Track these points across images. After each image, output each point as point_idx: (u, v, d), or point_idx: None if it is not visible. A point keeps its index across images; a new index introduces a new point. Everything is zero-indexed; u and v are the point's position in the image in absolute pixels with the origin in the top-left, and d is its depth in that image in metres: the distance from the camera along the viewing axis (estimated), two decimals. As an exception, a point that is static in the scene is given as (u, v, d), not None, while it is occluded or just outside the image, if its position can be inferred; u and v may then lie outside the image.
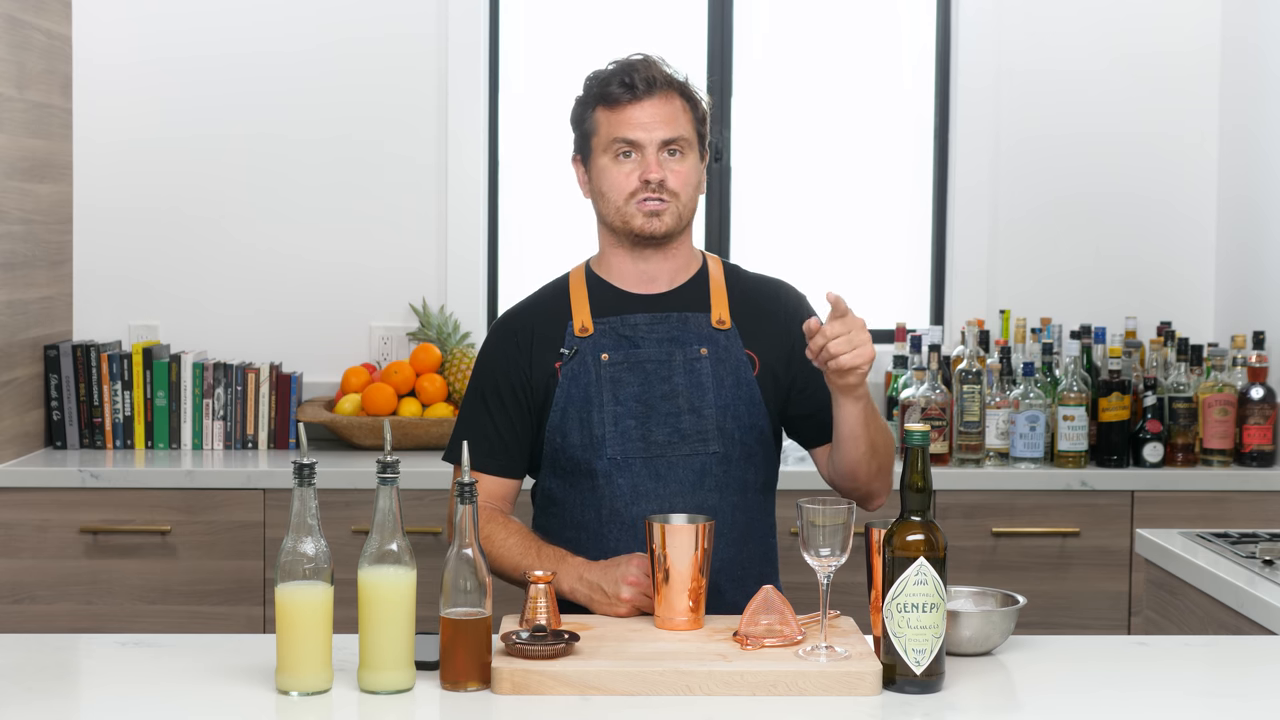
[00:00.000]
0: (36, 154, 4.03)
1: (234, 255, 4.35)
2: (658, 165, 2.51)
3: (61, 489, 3.80)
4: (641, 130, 2.51)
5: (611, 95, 2.52)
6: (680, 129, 2.53)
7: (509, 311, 2.67)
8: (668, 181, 2.52)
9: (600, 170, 2.55)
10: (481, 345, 2.67)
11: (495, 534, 2.51)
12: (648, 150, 2.51)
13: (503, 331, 2.63)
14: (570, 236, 4.41)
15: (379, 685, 2.04)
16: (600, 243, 2.64)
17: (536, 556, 2.47)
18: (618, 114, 2.52)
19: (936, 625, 2.05)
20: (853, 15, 4.53)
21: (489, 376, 2.60)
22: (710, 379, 2.55)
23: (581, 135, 2.59)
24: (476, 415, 2.60)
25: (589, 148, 2.57)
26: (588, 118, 2.57)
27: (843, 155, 4.55)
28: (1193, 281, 4.46)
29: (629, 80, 2.52)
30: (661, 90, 2.53)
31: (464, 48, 4.34)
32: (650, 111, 2.52)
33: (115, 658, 2.23)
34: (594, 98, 2.56)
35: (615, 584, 2.36)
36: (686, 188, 2.55)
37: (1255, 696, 2.14)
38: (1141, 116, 4.45)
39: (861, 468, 2.52)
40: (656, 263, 2.59)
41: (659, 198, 2.52)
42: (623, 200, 2.53)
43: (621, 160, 2.52)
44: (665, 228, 2.53)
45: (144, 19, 4.32)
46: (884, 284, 4.55)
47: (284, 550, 2.03)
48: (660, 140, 2.52)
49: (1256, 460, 4.00)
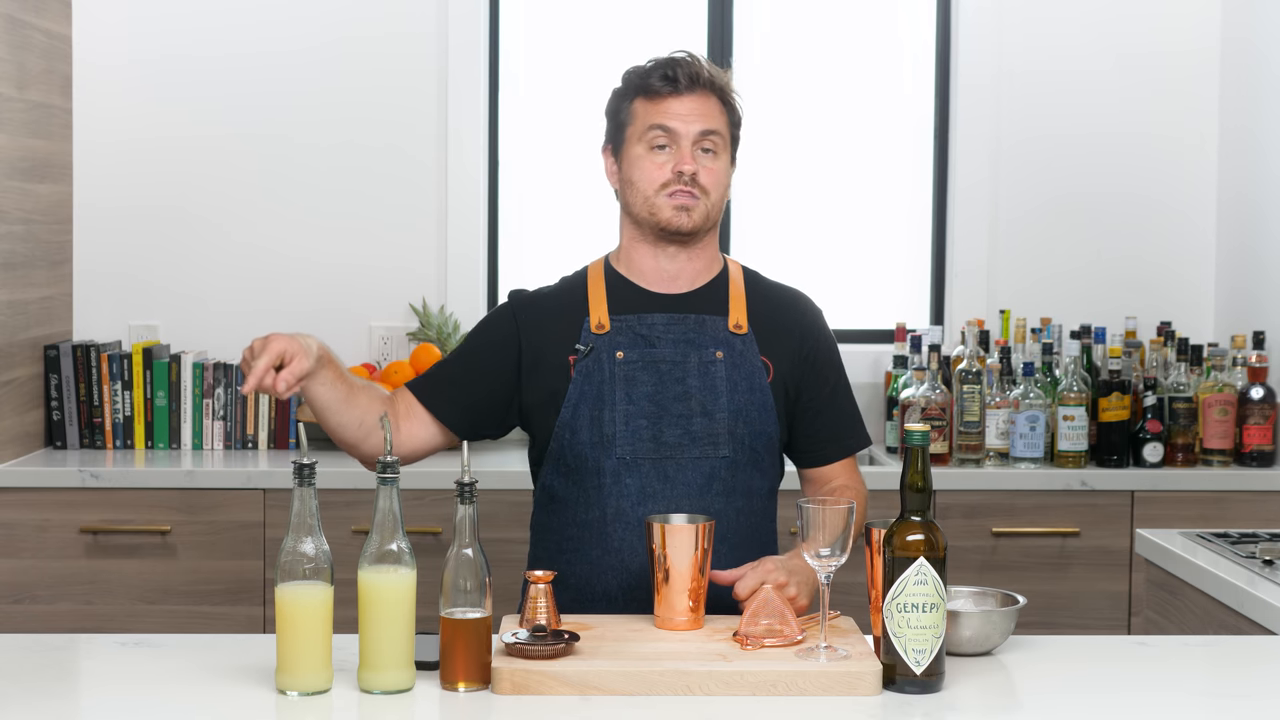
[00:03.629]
0: (36, 154, 4.03)
1: (234, 255, 4.35)
2: (691, 158, 2.51)
3: (61, 489, 3.80)
4: (679, 121, 2.51)
5: (652, 87, 2.53)
6: (716, 124, 2.54)
7: (529, 294, 2.67)
8: (700, 177, 2.51)
9: (633, 159, 2.54)
10: (490, 312, 2.68)
11: (357, 396, 2.50)
12: (683, 142, 2.51)
13: (515, 309, 2.64)
14: (571, 236, 4.42)
15: (379, 685, 2.04)
16: (622, 236, 2.63)
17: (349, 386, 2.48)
18: (657, 104, 2.52)
19: (936, 625, 2.05)
20: (853, 15, 4.53)
21: (482, 344, 2.62)
22: (724, 383, 2.54)
23: (616, 125, 2.58)
24: (451, 365, 2.63)
25: (622, 137, 2.57)
26: (624, 108, 2.57)
27: (843, 155, 4.55)
28: (1193, 281, 4.46)
29: (672, 74, 2.52)
30: (703, 88, 2.53)
31: (464, 47, 4.34)
32: (689, 105, 2.52)
33: (115, 658, 2.23)
34: (633, 89, 2.55)
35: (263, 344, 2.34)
36: (718, 187, 2.54)
37: (1255, 696, 2.14)
38: (1141, 116, 4.45)
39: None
40: (680, 261, 2.58)
41: (690, 191, 2.51)
42: (653, 191, 2.52)
43: (656, 151, 2.52)
44: (693, 224, 2.53)
45: (144, 19, 4.32)
46: (884, 284, 4.55)
47: (284, 550, 2.03)
48: (697, 132, 2.51)
49: (1256, 460, 4.00)
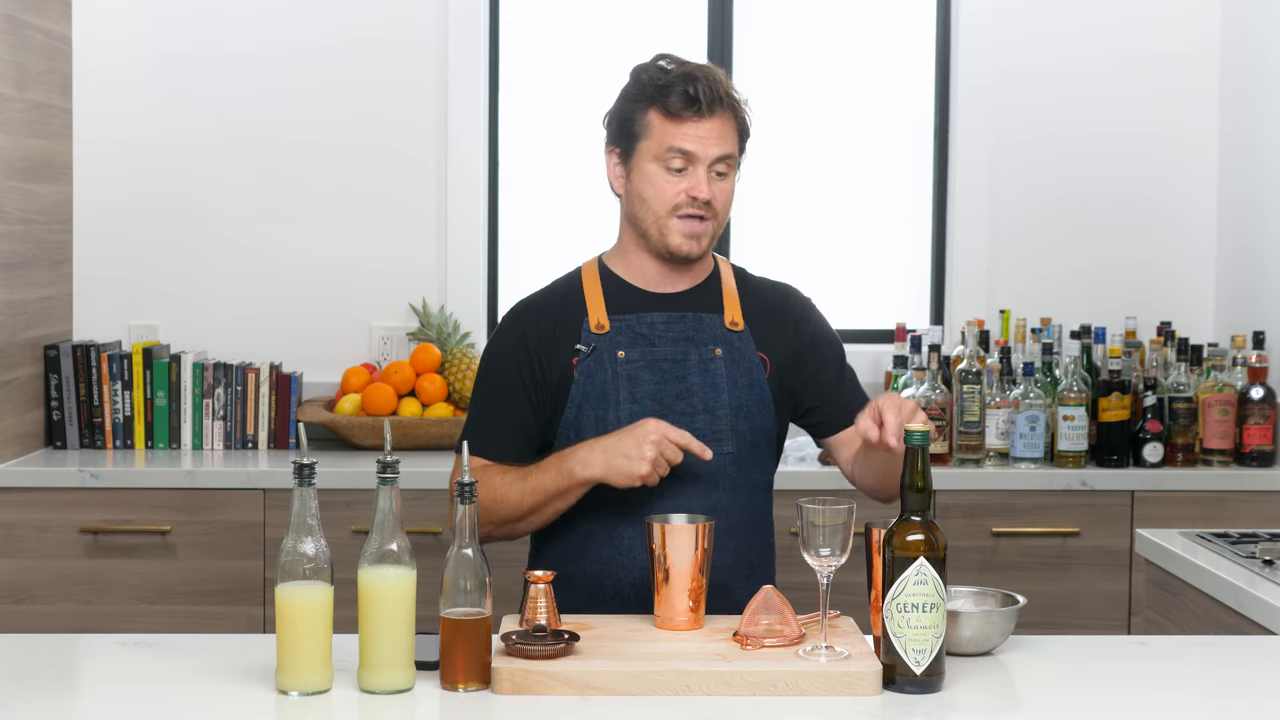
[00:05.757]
0: (36, 154, 4.03)
1: (234, 255, 4.35)
2: (707, 184, 2.49)
3: (61, 489, 3.80)
4: (699, 145, 2.48)
5: (672, 105, 2.48)
6: (731, 147, 2.52)
7: (524, 303, 2.64)
8: (714, 200, 2.51)
9: (646, 175, 2.51)
10: (494, 334, 2.64)
11: (492, 479, 2.48)
12: (700, 166, 2.49)
13: (520, 322, 2.60)
14: (571, 237, 4.41)
15: (379, 685, 2.04)
16: (622, 237, 2.62)
17: (539, 471, 2.45)
18: (677, 125, 2.49)
19: (936, 625, 2.05)
20: (852, 15, 4.53)
21: (507, 366, 2.57)
22: (724, 379, 2.55)
23: (627, 133, 2.54)
24: (493, 404, 2.57)
25: (634, 148, 2.53)
26: (638, 118, 2.52)
27: (842, 155, 4.55)
28: (1193, 281, 4.45)
29: (693, 93, 2.48)
30: (723, 108, 2.50)
31: (464, 48, 4.34)
32: (709, 128, 2.49)
33: (115, 658, 2.23)
34: (649, 98, 2.51)
35: (638, 444, 2.35)
36: (726, 207, 2.54)
37: (1255, 696, 2.14)
38: (1141, 117, 4.44)
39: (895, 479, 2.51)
40: (680, 269, 2.59)
41: (701, 215, 2.50)
42: (665, 211, 2.51)
43: (671, 173, 2.50)
44: (700, 250, 2.53)
45: (144, 19, 4.32)
46: (884, 284, 4.55)
47: (284, 550, 2.03)
48: (715, 156, 2.50)
49: (1256, 460, 4.00)
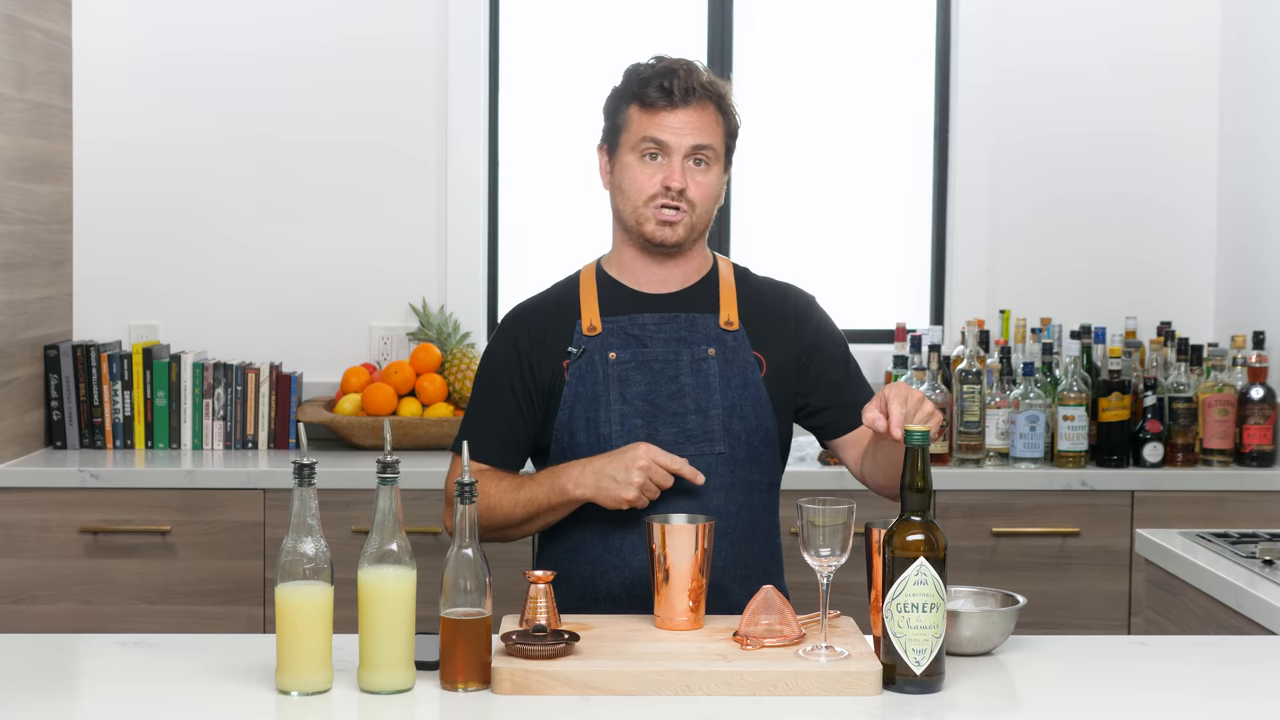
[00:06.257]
0: (36, 154, 4.03)
1: (234, 255, 4.35)
2: (681, 174, 2.52)
3: (61, 489, 3.80)
4: (672, 134, 2.52)
5: (648, 97, 2.53)
6: (710, 138, 2.54)
7: (519, 307, 2.68)
8: (688, 191, 2.53)
9: (624, 167, 2.56)
10: (491, 339, 2.68)
11: (487, 487, 2.53)
12: (674, 156, 2.52)
13: (512, 327, 2.64)
14: (571, 237, 4.41)
15: (379, 685, 2.04)
16: (614, 239, 2.65)
17: (533, 483, 2.51)
18: (651, 116, 2.53)
19: (936, 625, 2.05)
20: (853, 15, 4.53)
21: (497, 371, 2.61)
22: (717, 379, 2.56)
23: (612, 127, 2.60)
24: (483, 408, 2.61)
25: (617, 141, 2.58)
26: (621, 111, 2.58)
27: (842, 155, 4.55)
28: (1193, 281, 4.45)
29: (668, 85, 2.52)
30: (699, 100, 2.53)
31: (464, 47, 4.34)
32: (683, 118, 2.52)
33: (115, 658, 2.23)
34: (631, 94, 2.56)
35: (626, 469, 2.40)
36: (705, 200, 2.56)
37: (1255, 696, 2.14)
38: (1141, 117, 4.44)
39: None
40: (669, 267, 2.61)
41: (676, 206, 2.53)
42: (641, 201, 2.54)
43: (647, 161, 2.54)
44: (676, 238, 2.55)
45: (144, 19, 4.32)
46: (884, 284, 4.55)
47: (284, 550, 2.03)
48: (689, 146, 2.52)
49: (1256, 460, 4.00)
